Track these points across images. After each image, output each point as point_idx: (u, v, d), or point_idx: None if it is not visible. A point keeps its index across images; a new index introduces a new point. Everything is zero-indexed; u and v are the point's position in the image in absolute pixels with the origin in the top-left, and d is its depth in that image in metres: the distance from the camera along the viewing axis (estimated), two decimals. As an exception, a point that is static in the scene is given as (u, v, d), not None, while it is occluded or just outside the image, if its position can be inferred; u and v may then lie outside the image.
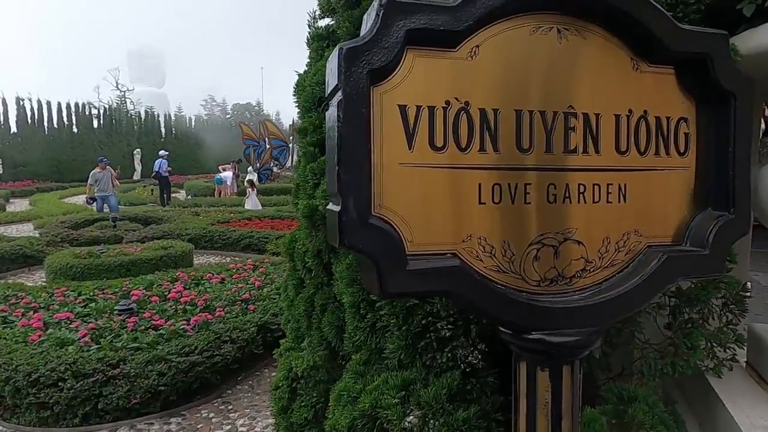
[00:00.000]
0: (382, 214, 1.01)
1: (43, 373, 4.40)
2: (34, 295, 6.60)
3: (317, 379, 2.04)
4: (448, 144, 1.06)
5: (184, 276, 7.46)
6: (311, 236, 1.80)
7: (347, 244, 0.94)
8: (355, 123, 0.95)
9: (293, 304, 2.21)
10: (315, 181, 1.86)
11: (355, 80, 0.95)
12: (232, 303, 6.34)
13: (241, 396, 5.08)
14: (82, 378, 4.41)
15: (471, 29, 1.04)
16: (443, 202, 1.06)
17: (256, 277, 7.51)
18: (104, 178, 16.04)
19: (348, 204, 0.94)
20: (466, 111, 1.07)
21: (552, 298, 1.12)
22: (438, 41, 1.03)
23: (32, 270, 10.16)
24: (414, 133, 1.04)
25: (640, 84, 1.19)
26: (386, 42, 0.97)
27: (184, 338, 5.17)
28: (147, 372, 4.56)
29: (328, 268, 1.94)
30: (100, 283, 7.26)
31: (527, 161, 1.11)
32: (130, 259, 8.80)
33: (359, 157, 0.96)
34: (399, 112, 1.03)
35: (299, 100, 2.06)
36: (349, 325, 1.63)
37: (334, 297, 1.89)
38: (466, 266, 1.04)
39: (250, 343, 5.46)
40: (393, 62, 0.99)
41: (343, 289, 1.63)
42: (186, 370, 4.73)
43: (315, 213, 1.78)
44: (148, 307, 6.08)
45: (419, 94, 1.04)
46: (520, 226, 1.12)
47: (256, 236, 11.74)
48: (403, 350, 1.42)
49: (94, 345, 5.00)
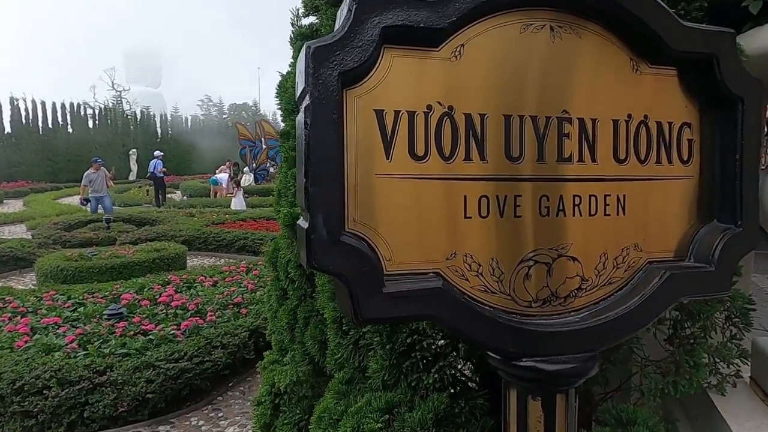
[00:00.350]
0: (357, 230, 0.91)
1: (27, 380, 4.29)
2: (22, 299, 6.49)
3: (301, 395, 1.94)
4: (430, 153, 0.97)
5: (176, 279, 7.36)
6: (293, 246, 1.71)
7: (316, 265, 0.85)
8: (325, 130, 0.86)
9: (276, 315, 2.11)
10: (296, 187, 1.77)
11: (324, 83, 0.85)
12: (224, 307, 6.23)
13: (232, 403, 4.98)
14: (67, 385, 4.31)
15: (455, 26, 0.95)
16: (425, 216, 0.97)
17: (249, 280, 7.40)
18: (98, 179, 15.89)
19: (317, 220, 0.85)
20: (450, 116, 0.97)
21: (545, 321, 1.03)
22: (418, 40, 0.94)
23: (23, 272, 10.03)
24: (392, 141, 0.94)
25: (639, 86, 1.10)
26: (359, 40, 0.88)
27: (174, 344, 5.07)
28: (135, 379, 4.46)
29: (311, 279, 1.84)
30: (91, 286, 7.15)
31: (517, 171, 1.02)
32: (122, 261, 8.68)
33: (330, 168, 0.86)
34: (375, 118, 0.93)
35: (281, 103, 1.97)
36: (332, 342, 1.53)
37: (318, 310, 1.80)
38: (450, 287, 0.95)
39: (241, 348, 5.36)
40: (368, 63, 0.89)
41: (325, 303, 1.53)
42: (175, 377, 4.63)
43: (296, 222, 1.68)
44: (138, 312, 5.97)
45: (398, 98, 0.95)
46: (510, 242, 1.02)
47: (250, 238, 11.64)
48: (387, 370, 1.32)
49: (82, 351, 4.90)
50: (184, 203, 21.23)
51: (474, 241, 0.99)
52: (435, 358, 1.33)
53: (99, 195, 16.05)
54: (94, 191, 15.91)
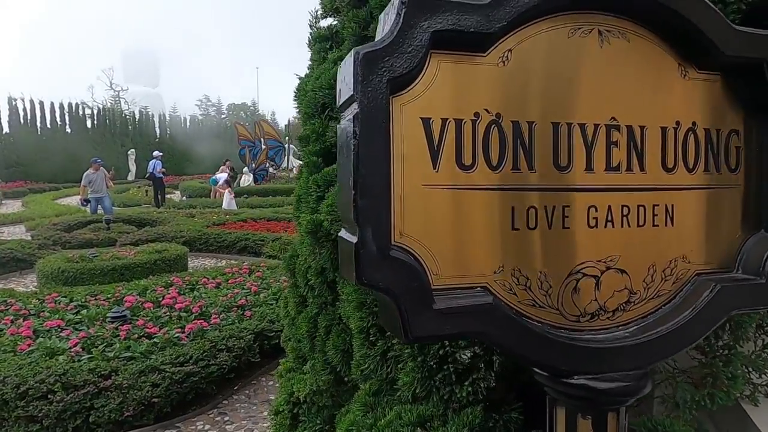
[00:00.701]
0: (404, 243, 0.87)
1: (31, 384, 4.24)
2: (24, 301, 6.43)
3: (321, 404, 1.90)
4: (478, 162, 0.93)
5: (179, 281, 7.31)
6: (315, 253, 1.67)
7: (366, 281, 0.81)
8: (375, 140, 0.82)
9: (294, 323, 2.07)
10: (319, 193, 1.73)
11: (374, 90, 0.81)
12: (228, 309, 6.19)
13: (238, 406, 4.93)
14: (72, 390, 4.26)
15: (504, 31, 0.91)
16: (472, 228, 0.93)
17: (252, 282, 7.36)
18: (98, 179, 15.82)
19: (366, 234, 0.81)
20: (498, 124, 0.94)
21: (594, 336, 0.99)
22: (466, 45, 0.90)
23: (23, 274, 9.97)
24: (439, 150, 0.90)
25: (688, 92, 1.06)
26: (409, 46, 0.84)
27: (179, 347, 5.02)
28: (140, 383, 4.41)
29: (332, 286, 1.80)
30: (93, 288, 7.10)
31: (566, 180, 0.98)
32: (124, 263, 8.63)
33: (379, 179, 0.82)
34: (422, 126, 0.90)
35: (300, 106, 1.92)
36: (357, 352, 1.49)
37: (339, 318, 1.76)
38: (499, 302, 0.91)
39: (246, 351, 5.31)
40: (416, 69, 0.86)
41: (351, 312, 1.49)
42: (180, 381, 4.59)
43: (319, 229, 1.64)
44: (141, 314, 5.92)
45: (445, 105, 0.91)
46: (558, 255, 0.98)
47: (252, 239, 11.59)
48: (419, 383, 1.29)
49: (86, 355, 4.85)
50: (184, 204, 21.17)
51: (522, 253, 0.96)
52: (467, 371, 1.29)
53: (99, 195, 15.98)
54: (93, 192, 15.84)
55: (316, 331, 1.88)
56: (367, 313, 1.47)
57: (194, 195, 24.26)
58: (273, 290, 6.98)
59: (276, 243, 11.19)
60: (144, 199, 23.28)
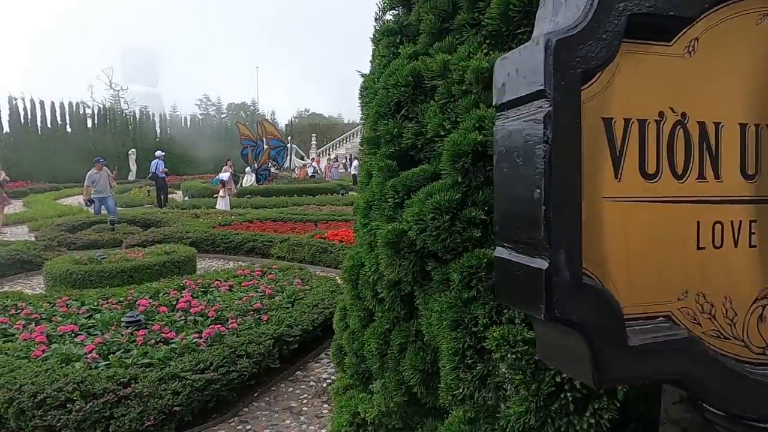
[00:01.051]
0: (588, 268, 0.74)
1: (49, 393, 4.10)
2: (34, 305, 6.28)
3: (390, 426, 1.76)
4: (662, 170, 0.80)
5: (191, 284, 7.16)
6: (393, 265, 1.53)
7: (559, 314, 0.67)
8: (569, 143, 0.68)
9: (356, 337, 1.92)
10: (397, 200, 1.59)
11: (568, 84, 0.68)
12: (244, 313, 6.05)
13: (259, 414, 4.79)
14: (91, 398, 4.12)
15: (696, 16, 0.77)
16: (656, 247, 0.79)
17: (265, 285, 7.22)
18: (101, 179, 15.66)
19: (559, 258, 0.68)
20: (683, 126, 0.80)
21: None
22: (654, 31, 0.77)
23: (29, 276, 9.82)
24: (622, 156, 0.77)
25: None
26: (603, 32, 0.70)
27: (198, 353, 4.88)
28: (161, 391, 4.27)
29: (407, 300, 1.66)
30: (104, 291, 6.96)
31: (753, 191, 0.85)
32: (133, 265, 8.48)
33: (572, 191, 0.69)
34: (603, 128, 0.76)
35: (369, 105, 1.78)
36: (448, 375, 1.36)
37: (417, 335, 1.62)
38: (693, 336, 0.77)
39: (266, 357, 5.17)
40: (607, 61, 0.72)
41: (444, 332, 1.36)
42: (201, 388, 4.44)
43: (401, 239, 1.50)
44: (156, 319, 5.78)
45: (627, 103, 0.77)
46: (744, 278, 0.85)
47: (260, 240, 11.46)
48: (532, 414, 1.15)
49: (102, 361, 4.71)
50: (187, 204, 21.01)
51: (707, 276, 0.82)
52: (586, 399, 1.16)
53: (102, 195, 15.82)
54: (97, 192, 15.68)
55: (387, 348, 1.74)
56: (464, 333, 1.34)
57: (196, 195, 24.10)
58: (287, 293, 6.84)
59: (284, 244, 11.07)
60: (146, 199, 23.11)
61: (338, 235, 11.35)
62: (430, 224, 1.41)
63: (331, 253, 10.32)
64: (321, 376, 5.54)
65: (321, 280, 7.74)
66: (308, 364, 5.86)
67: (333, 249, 10.40)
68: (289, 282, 7.49)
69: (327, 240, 11.03)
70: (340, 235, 11.32)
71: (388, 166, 1.67)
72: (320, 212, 16.33)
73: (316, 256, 10.44)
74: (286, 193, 23.92)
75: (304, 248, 10.72)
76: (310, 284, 7.50)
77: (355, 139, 57.30)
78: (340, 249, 10.29)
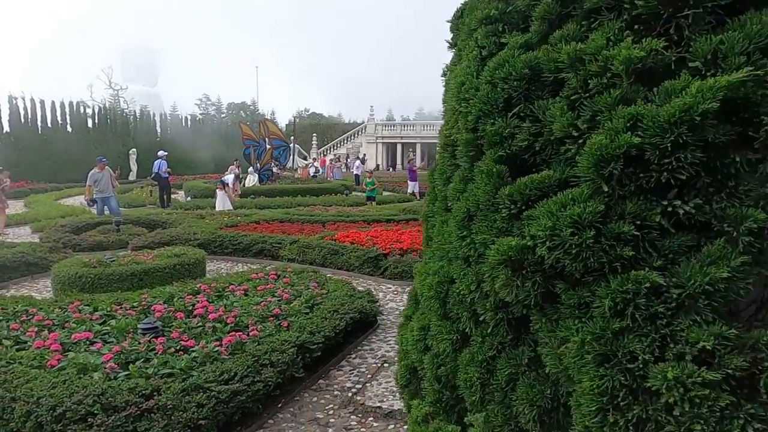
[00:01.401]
0: None
1: (68, 406, 3.90)
2: (46, 310, 6.08)
3: (492, 465, 1.57)
4: None
5: (206, 288, 6.96)
6: (510, 285, 1.33)
7: None
8: None
9: (443, 362, 1.72)
10: (513, 211, 1.38)
11: None
12: (263, 319, 5.86)
13: (284, 426, 4.60)
14: (113, 412, 3.92)
15: None
16: None
17: (282, 289, 7.03)
18: (103, 179, 15.44)
19: None
20: None
21: None
22: None
23: (35, 278, 9.62)
24: None
25: None
26: None
27: (220, 362, 4.70)
28: (185, 404, 4.07)
29: (514, 325, 1.46)
30: (116, 295, 6.75)
31: None
32: (143, 268, 8.27)
33: None
34: None
35: (468, 102, 1.56)
36: (588, 417, 1.16)
37: (529, 365, 1.43)
38: None
39: (290, 365, 4.98)
40: None
41: (586, 367, 1.16)
42: (227, 400, 4.25)
43: (524, 256, 1.30)
44: (173, 325, 5.59)
45: None
46: None
47: (269, 241, 11.26)
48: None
49: (122, 371, 4.51)
50: (191, 204, 20.80)
51: None
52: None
53: (104, 195, 15.61)
54: (99, 192, 15.47)
55: (490, 378, 1.54)
56: (616, 369, 1.14)
57: (199, 195, 23.88)
58: (305, 298, 6.66)
59: (294, 246, 10.87)
60: (148, 199, 22.89)
61: (348, 236, 11.16)
62: (569, 240, 1.21)
63: (342, 255, 10.13)
64: (345, 385, 5.35)
65: (337, 283, 7.56)
66: (330, 371, 5.68)
67: (344, 251, 10.21)
68: (305, 286, 7.30)
69: (338, 242, 10.83)
70: (351, 236, 11.14)
71: (498, 172, 1.47)
72: (327, 213, 16.14)
73: (327, 258, 10.25)
74: (290, 194, 23.73)
75: (315, 250, 10.52)
76: (327, 288, 7.31)
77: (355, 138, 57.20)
78: (351, 251, 10.11)
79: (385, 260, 9.70)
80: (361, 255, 9.89)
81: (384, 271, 9.53)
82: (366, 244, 10.44)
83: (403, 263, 9.36)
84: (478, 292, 1.52)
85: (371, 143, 55.30)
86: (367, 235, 11.09)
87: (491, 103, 1.52)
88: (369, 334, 6.73)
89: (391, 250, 10.00)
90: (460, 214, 1.62)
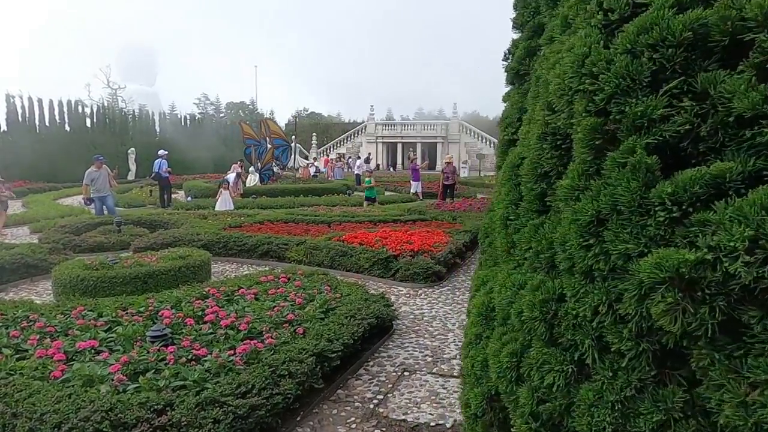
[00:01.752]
0: None
1: (75, 423, 3.59)
2: (47, 316, 5.76)
3: None
4: None
5: (215, 292, 6.64)
6: (675, 311, 1.04)
7: None
8: None
9: (549, 397, 1.40)
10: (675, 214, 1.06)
11: None
12: (278, 326, 5.55)
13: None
14: (123, 429, 3.61)
15: None
16: None
17: (294, 293, 6.72)
18: (101, 177, 15.12)
19: None
20: None
21: None
22: None
23: (35, 281, 9.28)
24: None
25: None
26: None
27: (235, 373, 4.39)
28: (200, 420, 3.76)
29: (660, 357, 1.17)
30: (120, 300, 6.43)
31: None
32: (147, 270, 7.95)
33: None
34: None
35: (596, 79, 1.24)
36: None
37: (684, 409, 1.13)
38: None
39: (309, 376, 4.67)
40: None
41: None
42: (245, 416, 3.94)
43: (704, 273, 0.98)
44: (183, 333, 5.27)
45: None
46: None
47: (274, 242, 10.93)
48: None
49: (131, 383, 4.20)
50: (191, 204, 20.45)
51: None
52: None
53: (102, 195, 15.30)
54: (96, 191, 15.16)
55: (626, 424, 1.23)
56: None
57: (199, 195, 23.52)
58: (319, 302, 6.36)
59: (301, 247, 10.56)
60: (148, 199, 22.54)
61: (357, 237, 10.85)
62: (781, 254, 0.92)
63: (351, 257, 9.82)
64: (365, 395, 5.04)
65: (351, 287, 7.26)
66: (348, 381, 5.36)
67: (353, 252, 9.90)
68: (317, 289, 7.00)
69: (346, 243, 10.52)
70: (359, 237, 10.82)
71: (648, 165, 1.16)
72: (332, 213, 15.82)
73: (335, 260, 9.93)
74: (292, 193, 23.42)
75: (322, 251, 10.21)
76: (340, 291, 7.02)
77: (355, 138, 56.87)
78: (360, 252, 9.80)
79: (396, 262, 9.40)
80: (371, 256, 9.58)
81: (395, 273, 9.22)
82: (375, 245, 10.13)
83: (415, 265, 9.06)
84: (609, 315, 1.22)
85: (371, 143, 55.00)
86: (376, 236, 10.78)
87: (632, 78, 1.21)
88: (385, 340, 6.42)
89: (402, 251, 9.70)
90: (585, 217, 1.31)
